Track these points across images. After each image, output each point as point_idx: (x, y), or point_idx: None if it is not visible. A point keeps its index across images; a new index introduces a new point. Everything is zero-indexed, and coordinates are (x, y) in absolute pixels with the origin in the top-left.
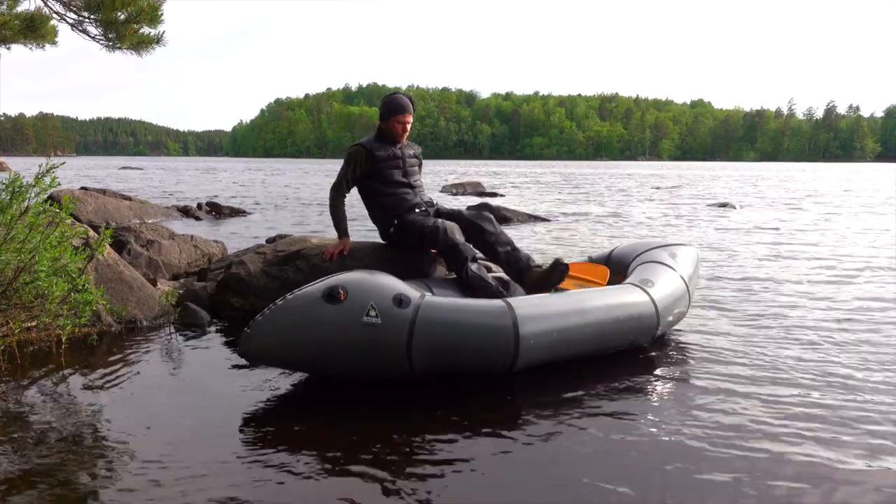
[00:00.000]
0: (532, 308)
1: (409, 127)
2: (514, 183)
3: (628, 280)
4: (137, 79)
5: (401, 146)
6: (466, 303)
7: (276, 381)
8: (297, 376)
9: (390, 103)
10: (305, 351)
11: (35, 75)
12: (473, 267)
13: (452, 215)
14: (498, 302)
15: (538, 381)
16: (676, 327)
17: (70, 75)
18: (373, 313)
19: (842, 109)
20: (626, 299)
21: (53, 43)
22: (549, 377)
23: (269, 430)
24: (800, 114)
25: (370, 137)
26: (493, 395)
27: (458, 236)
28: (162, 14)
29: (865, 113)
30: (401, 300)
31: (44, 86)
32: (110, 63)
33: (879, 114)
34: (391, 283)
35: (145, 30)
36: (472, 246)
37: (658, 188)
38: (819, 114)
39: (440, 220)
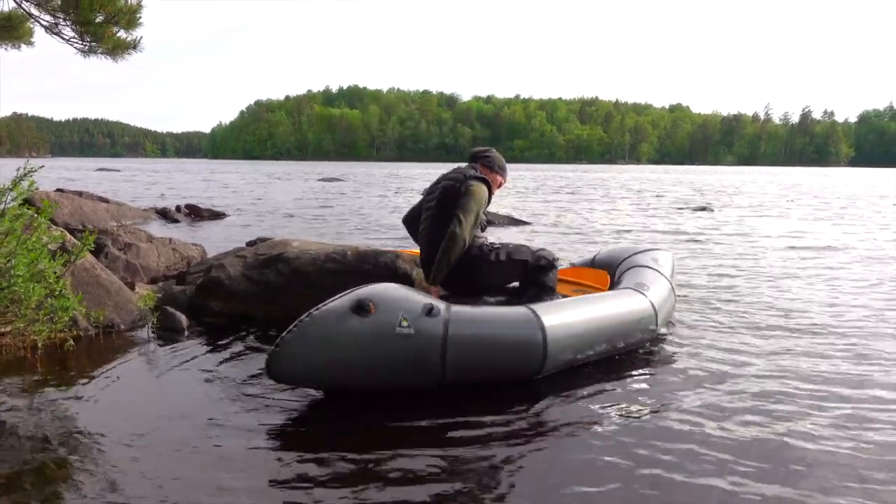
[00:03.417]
0: (556, 313)
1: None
2: None
3: (624, 285)
4: (115, 80)
5: None
6: (493, 310)
7: (253, 388)
8: (269, 382)
9: (504, 165)
10: (338, 366)
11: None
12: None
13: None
14: (522, 308)
15: (555, 384)
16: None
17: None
18: (405, 323)
19: (817, 114)
20: (632, 303)
21: (30, 44)
22: (558, 379)
23: (245, 435)
24: (776, 118)
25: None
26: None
27: None
28: (140, 17)
29: (840, 118)
30: (430, 309)
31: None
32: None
33: (853, 119)
34: (415, 294)
35: (122, 34)
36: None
37: (639, 191)
38: (795, 119)
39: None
